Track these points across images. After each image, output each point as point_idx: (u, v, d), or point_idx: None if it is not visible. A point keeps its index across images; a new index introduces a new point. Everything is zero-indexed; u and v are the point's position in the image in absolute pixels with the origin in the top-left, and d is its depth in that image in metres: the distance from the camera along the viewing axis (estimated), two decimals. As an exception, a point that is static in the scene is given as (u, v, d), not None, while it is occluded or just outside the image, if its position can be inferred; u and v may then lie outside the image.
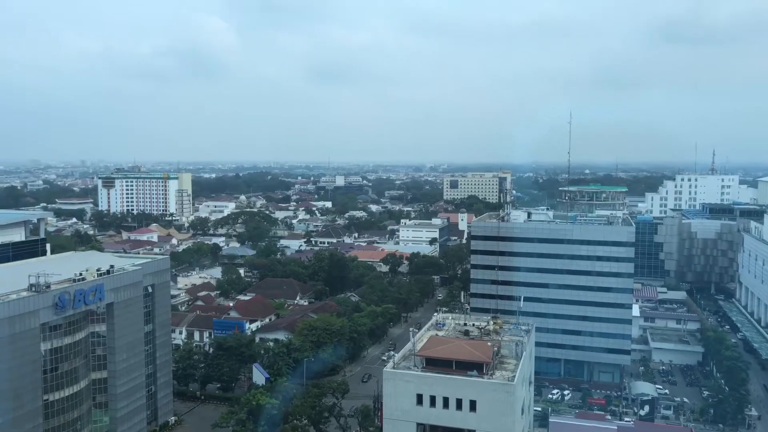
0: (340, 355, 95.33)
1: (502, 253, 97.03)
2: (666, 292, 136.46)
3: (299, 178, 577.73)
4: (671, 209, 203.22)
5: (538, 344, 74.60)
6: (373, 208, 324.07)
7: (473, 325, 62.57)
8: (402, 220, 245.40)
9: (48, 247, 78.87)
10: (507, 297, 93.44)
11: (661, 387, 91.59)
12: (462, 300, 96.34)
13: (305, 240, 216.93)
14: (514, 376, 47.61)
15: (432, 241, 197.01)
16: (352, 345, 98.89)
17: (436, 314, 68.30)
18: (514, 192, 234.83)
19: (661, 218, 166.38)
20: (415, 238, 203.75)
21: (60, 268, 61.30)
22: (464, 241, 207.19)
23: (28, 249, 73.51)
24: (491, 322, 62.36)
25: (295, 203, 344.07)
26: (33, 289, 55.69)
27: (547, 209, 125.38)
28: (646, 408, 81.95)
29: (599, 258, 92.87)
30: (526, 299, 77.46)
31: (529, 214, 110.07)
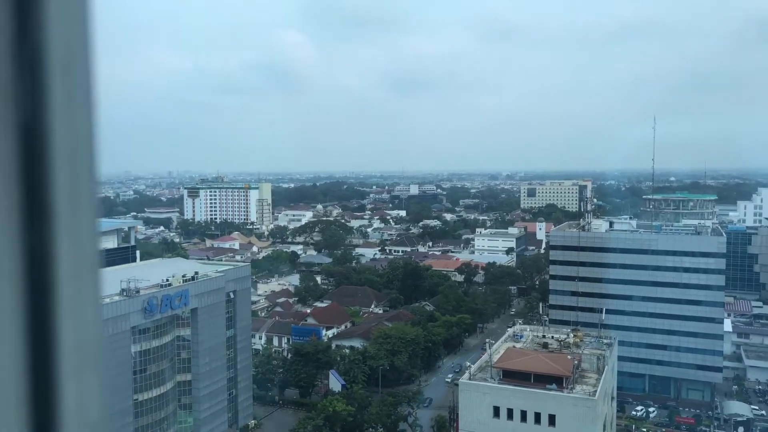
0: (415, 365, 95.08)
1: (582, 264, 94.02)
2: (761, 307, 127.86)
3: (374, 187, 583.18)
4: (767, 218, 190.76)
5: (620, 358, 71.64)
6: (448, 216, 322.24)
7: (552, 337, 60.86)
8: (477, 229, 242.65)
9: (138, 253, 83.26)
10: (588, 309, 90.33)
11: (756, 408, 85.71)
12: (540, 311, 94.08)
13: (380, 248, 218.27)
14: (596, 391, 45.88)
15: (508, 251, 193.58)
16: (426, 354, 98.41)
17: (513, 325, 66.92)
18: (594, 200, 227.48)
19: (755, 228, 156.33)
20: (491, 247, 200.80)
21: (148, 274, 64.51)
22: (542, 250, 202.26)
23: (120, 255, 77.83)
24: (571, 335, 60.41)
25: (369, 212, 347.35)
26: (124, 293, 58.87)
27: (631, 218, 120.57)
28: (740, 430, 77.02)
29: (686, 270, 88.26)
30: (608, 311, 74.62)
31: (611, 224, 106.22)
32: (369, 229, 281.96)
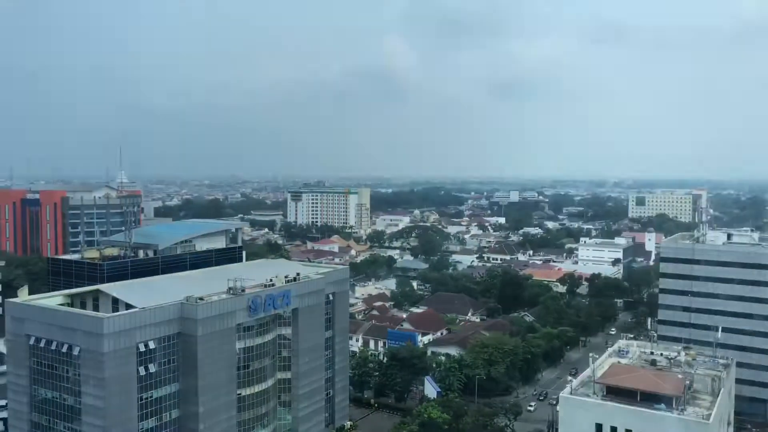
0: (512, 376, 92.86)
1: (696, 278, 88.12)
2: None
3: (472, 193, 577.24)
4: None
5: (739, 381, 66.35)
6: (550, 225, 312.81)
7: (661, 354, 57.41)
8: (581, 239, 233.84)
9: (244, 254, 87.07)
10: (701, 326, 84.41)
11: None
12: (648, 327, 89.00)
13: (477, 256, 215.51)
14: (710, 414, 42.70)
15: (615, 262, 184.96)
16: (525, 366, 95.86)
17: (619, 340, 63.77)
18: (710, 211, 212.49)
19: None
20: (596, 257, 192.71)
21: (253, 274, 67.16)
22: (652, 262, 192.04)
23: (228, 255, 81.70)
24: (683, 353, 56.72)
25: (467, 218, 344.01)
26: (231, 292, 61.62)
27: (752, 231, 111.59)
28: None
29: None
30: (725, 330, 69.39)
31: (729, 236, 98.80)
32: (466, 236, 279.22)
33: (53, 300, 59.81)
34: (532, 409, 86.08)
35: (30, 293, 65.85)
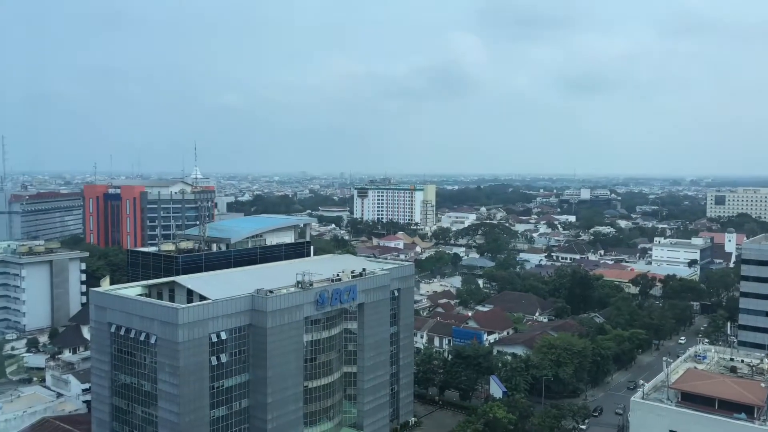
0: (581, 378, 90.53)
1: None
2: None
3: (541, 190, 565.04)
4: None
5: (829, 393, 62.19)
6: (622, 224, 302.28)
7: (742, 361, 54.60)
8: (655, 238, 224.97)
9: (312, 248, 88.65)
10: (787, 332, 79.71)
11: None
12: (728, 332, 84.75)
13: (546, 254, 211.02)
14: (797, 428, 40.32)
15: (691, 263, 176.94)
16: (594, 368, 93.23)
17: (695, 345, 61.07)
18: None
19: None
20: (671, 258, 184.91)
21: (320, 268, 68.31)
22: (731, 264, 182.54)
23: (296, 250, 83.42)
24: (766, 360, 53.71)
25: (536, 216, 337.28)
26: (299, 285, 62.94)
27: None
28: None
29: None
30: (814, 337, 65.19)
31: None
32: (535, 234, 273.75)
33: (132, 290, 62.87)
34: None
35: (111, 283, 69.56)
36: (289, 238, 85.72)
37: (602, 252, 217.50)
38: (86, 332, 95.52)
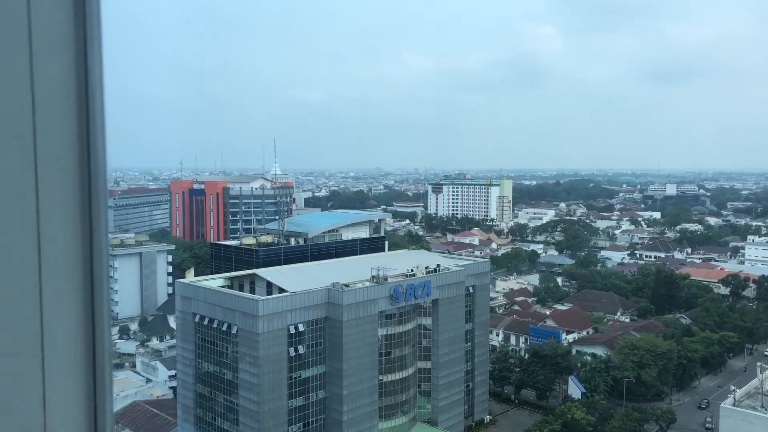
0: (665, 381, 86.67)
1: None
2: None
3: (624, 186, 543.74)
4: None
5: None
6: (711, 221, 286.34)
7: None
8: (749, 237, 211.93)
9: (386, 244, 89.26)
10: None
11: None
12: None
13: (629, 252, 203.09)
14: None
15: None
16: (680, 372, 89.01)
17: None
18: None
19: None
20: (766, 258, 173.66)
21: (395, 263, 68.68)
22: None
23: (371, 245, 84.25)
24: None
25: (618, 213, 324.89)
26: (374, 280, 63.54)
27: None
28: None
29: None
30: None
31: None
32: (617, 231, 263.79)
33: (215, 282, 65.45)
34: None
35: (195, 275, 72.69)
36: (364, 233, 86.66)
37: (689, 250, 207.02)
38: (172, 321, 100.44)
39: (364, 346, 60.86)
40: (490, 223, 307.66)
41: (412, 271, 67.25)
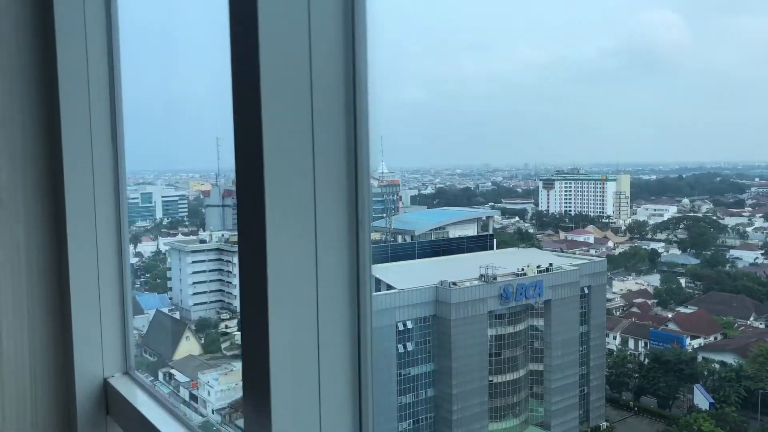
0: (808, 394, 78.79)
1: None
2: None
3: (756, 179, 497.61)
4: None
5: None
6: None
7: None
8: None
9: (494, 242, 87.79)
10: None
11: None
12: None
13: (762, 252, 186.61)
14: None
15: None
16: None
17: None
18: None
19: None
20: None
21: (504, 262, 67.30)
22: None
23: (479, 243, 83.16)
24: None
25: (750, 208, 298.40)
26: (482, 279, 62.64)
27: None
28: None
29: None
30: None
31: None
32: (748, 229, 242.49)
33: (327, 279, 67.41)
34: None
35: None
36: (471, 230, 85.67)
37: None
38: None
39: (473, 345, 60.14)
40: (606, 220, 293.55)
41: (522, 270, 65.52)
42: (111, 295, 1.86)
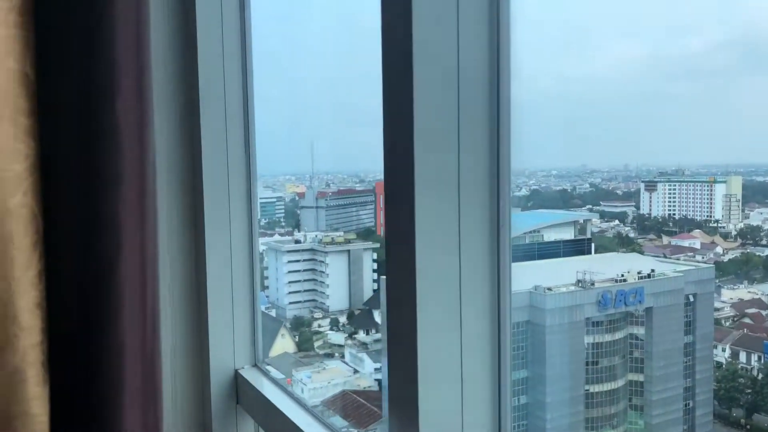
0: None
1: None
2: None
3: None
4: None
5: None
6: None
7: None
8: None
9: (592, 246, 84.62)
10: None
11: None
12: None
13: None
14: None
15: None
16: None
17: None
18: None
19: None
20: None
21: (602, 267, 64.55)
22: None
23: (576, 247, 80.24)
24: None
25: None
26: (580, 284, 60.48)
27: None
28: None
29: None
30: None
31: None
32: None
33: (418, 281, 67.76)
34: None
35: (400, 274, 75.29)
36: (568, 234, 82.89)
37: None
38: (377, 316, 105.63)
39: (568, 353, 58.13)
40: (714, 225, 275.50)
41: (622, 275, 62.64)
42: (242, 292, 2.04)
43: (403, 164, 1.20)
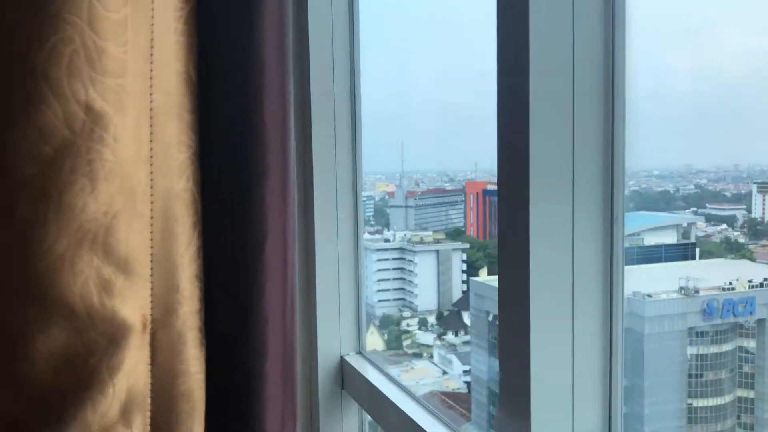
0: None
1: None
2: None
3: None
4: None
5: None
6: None
7: None
8: None
9: (697, 251, 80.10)
10: None
11: None
12: None
13: None
14: None
15: None
16: None
17: None
18: None
19: None
20: None
21: (708, 274, 60.78)
22: None
23: (678, 252, 76.10)
24: None
25: None
26: (682, 291, 57.39)
27: None
28: None
29: None
30: None
31: None
32: None
33: (507, 283, 66.91)
34: None
35: (488, 274, 74.96)
36: (669, 238, 78.76)
37: None
38: (466, 318, 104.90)
39: (669, 364, 55.14)
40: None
41: (730, 283, 58.69)
42: (348, 281, 2.12)
43: (518, 163, 1.20)
